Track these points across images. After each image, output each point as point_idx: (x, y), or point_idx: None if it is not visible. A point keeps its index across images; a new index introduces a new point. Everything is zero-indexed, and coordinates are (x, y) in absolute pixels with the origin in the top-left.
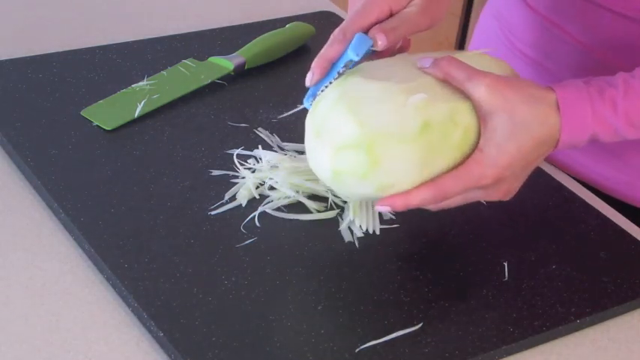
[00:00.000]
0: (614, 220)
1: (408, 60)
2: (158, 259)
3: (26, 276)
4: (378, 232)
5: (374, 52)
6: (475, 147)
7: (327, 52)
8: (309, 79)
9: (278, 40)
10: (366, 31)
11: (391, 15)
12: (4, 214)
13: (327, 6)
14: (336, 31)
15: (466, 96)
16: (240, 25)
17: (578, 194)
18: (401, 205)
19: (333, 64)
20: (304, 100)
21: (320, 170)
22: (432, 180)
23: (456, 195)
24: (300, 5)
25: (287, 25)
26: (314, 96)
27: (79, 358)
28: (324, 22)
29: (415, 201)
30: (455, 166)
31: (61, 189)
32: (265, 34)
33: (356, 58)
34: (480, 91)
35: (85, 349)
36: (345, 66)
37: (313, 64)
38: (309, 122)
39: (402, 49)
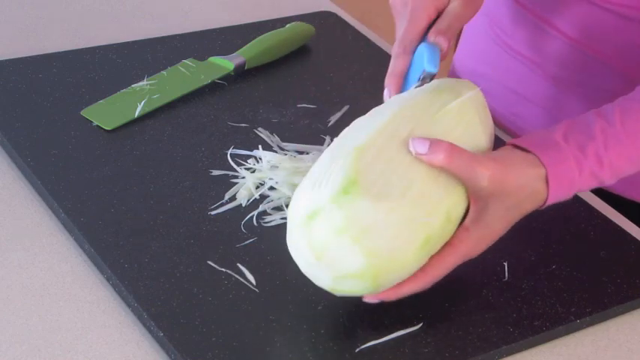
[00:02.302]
0: (614, 220)
1: (401, 133)
2: (158, 259)
3: (26, 276)
4: None
5: None
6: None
7: (395, 68)
8: (387, 98)
9: (278, 40)
10: (422, 38)
11: (438, 14)
12: (4, 214)
13: (327, 6)
14: (396, 46)
15: (459, 181)
16: (240, 25)
17: (578, 194)
18: (392, 298)
19: (405, 78)
20: None
21: (316, 280)
22: (422, 270)
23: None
24: (300, 5)
25: (287, 25)
26: None
27: (79, 358)
28: (324, 22)
29: (406, 293)
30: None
31: (61, 189)
32: (265, 34)
33: (436, 71)
34: (481, 183)
35: (85, 349)
36: (422, 78)
37: (387, 82)
38: (306, 240)
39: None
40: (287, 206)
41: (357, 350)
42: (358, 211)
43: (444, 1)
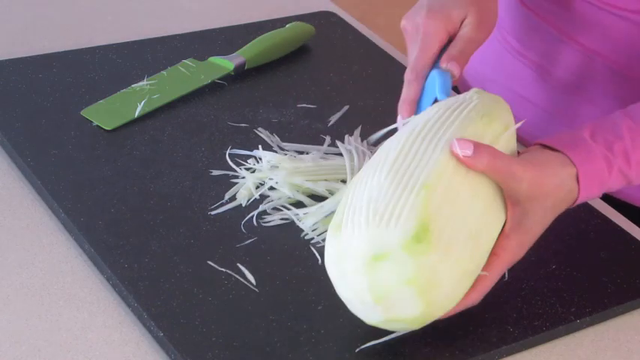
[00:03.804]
0: (614, 220)
1: (462, 167)
2: (158, 259)
3: (26, 276)
4: None
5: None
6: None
7: (408, 94)
8: (400, 124)
9: (278, 40)
10: (434, 63)
11: (450, 39)
12: (4, 214)
13: (327, 6)
14: (408, 72)
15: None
16: (240, 25)
17: None
18: (445, 316)
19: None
20: None
21: (364, 316)
22: (473, 288)
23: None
24: (300, 5)
25: (287, 25)
26: None
27: (79, 358)
28: (324, 22)
29: (459, 310)
30: None
31: (61, 189)
32: (265, 34)
33: (447, 97)
34: (521, 186)
35: (85, 349)
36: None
37: (400, 109)
38: (367, 280)
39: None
40: (286, 207)
41: (357, 350)
42: (428, 263)
43: (455, 25)
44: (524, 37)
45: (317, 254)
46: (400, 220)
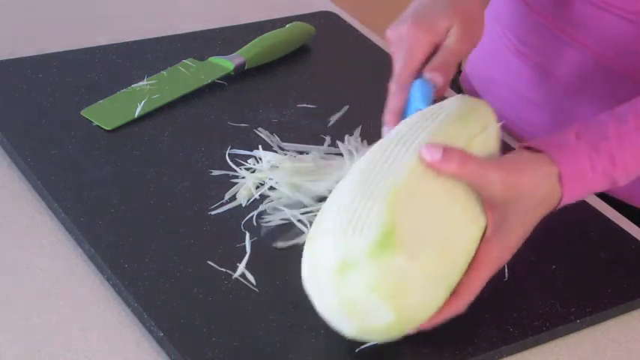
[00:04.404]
0: (614, 220)
1: (431, 171)
2: (158, 259)
3: (26, 276)
4: None
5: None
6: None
7: (393, 105)
8: (386, 134)
9: (278, 40)
10: (418, 74)
11: (435, 49)
12: (4, 214)
13: (327, 6)
14: (392, 83)
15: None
16: (240, 25)
17: None
18: (429, 327)
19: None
20: None
21: (337, 326)
22: (455, 294)
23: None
24: (300, 5)
25: (287, 25)
26: None
27: (79, 358)
28: (324, 22)
29: (443, 320)
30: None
31: (61, 189)
32: (265, 34)
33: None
34: (495, 189)
35: (85, 349)
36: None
37: (385, 119)
38: (335, 290)
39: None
40: (287, 206)
41: (357, 350)
42: (393, 268)
43: (440, 36)
44: (524, 35)
45: None
46: (365, 228)
